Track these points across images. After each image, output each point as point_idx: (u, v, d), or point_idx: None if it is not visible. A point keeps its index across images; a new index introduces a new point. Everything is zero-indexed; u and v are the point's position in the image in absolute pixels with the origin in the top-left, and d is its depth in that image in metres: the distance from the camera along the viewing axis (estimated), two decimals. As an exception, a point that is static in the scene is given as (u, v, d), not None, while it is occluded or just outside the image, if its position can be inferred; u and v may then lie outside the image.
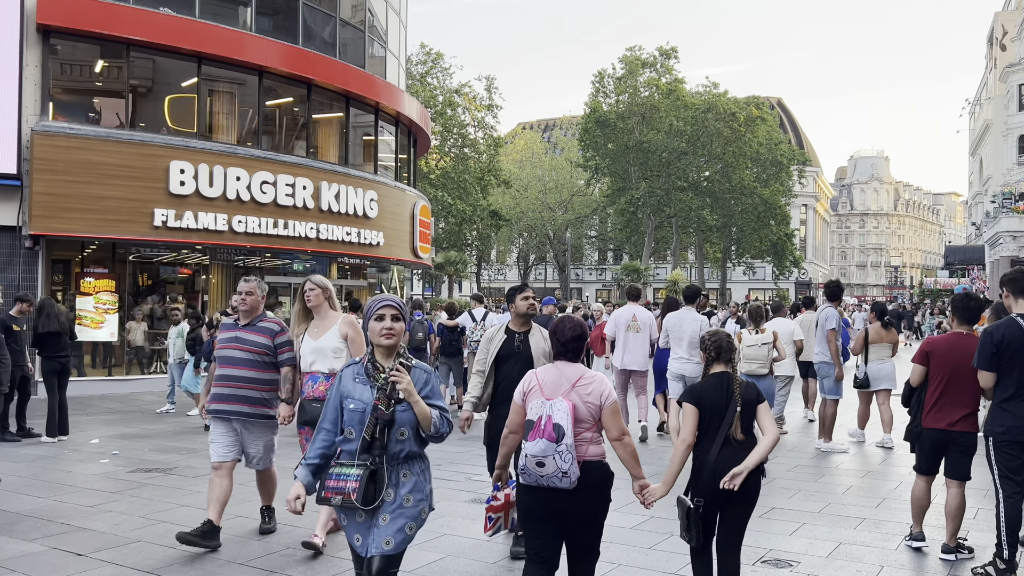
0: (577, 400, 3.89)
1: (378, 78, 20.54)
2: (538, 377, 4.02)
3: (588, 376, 4.00)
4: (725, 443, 4.24)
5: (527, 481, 3.87)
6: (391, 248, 20.35)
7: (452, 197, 44.93)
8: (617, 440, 3.98)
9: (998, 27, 57.41)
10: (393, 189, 20.78)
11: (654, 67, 52.64)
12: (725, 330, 5.04)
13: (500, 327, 6.05)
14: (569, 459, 3.75)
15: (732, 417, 4.26)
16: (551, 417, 3.80)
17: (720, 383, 4.35)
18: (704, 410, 4.28)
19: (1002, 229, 40.93)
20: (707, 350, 4.47)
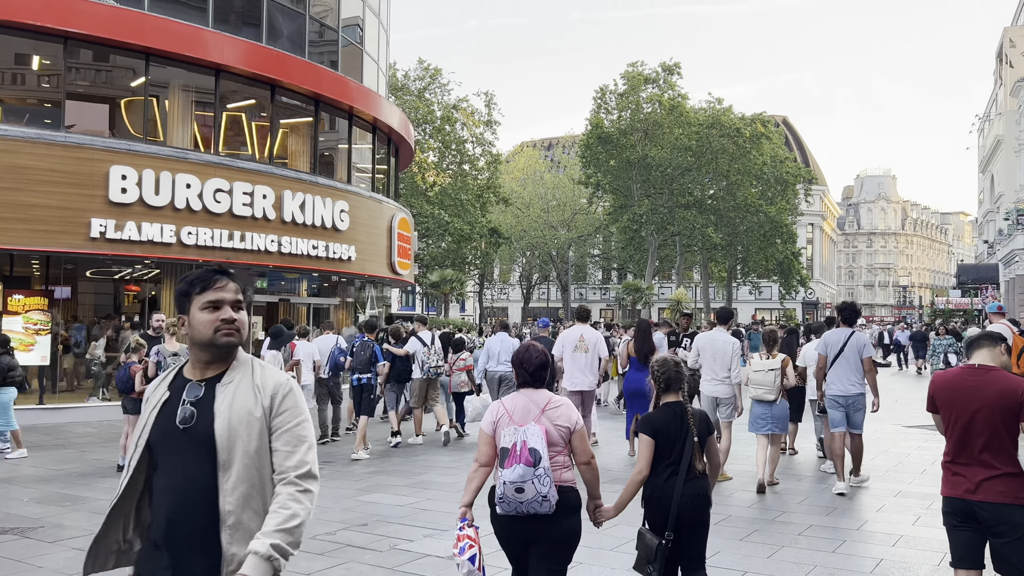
0: (548, 425, 3.89)
1: (352, 81, 18.90)
2: (505, 406, 3.97)
3: (556, 400, 3.99)
4: (689, 473, 4.18)
5: (505, 511, 3.81)
6: (365, 263, 18.61)
7: (450, 215, 43.32)
8: (586, 464, 4.01)
9: (1007, 42, 55.68)
10: (368, 200, 19.06)
11: (656, 83, 51.11)
12: (675, 357, 4.59)
13: None
14: (548, 483, 3.73)
15: (691, 448, 4.20)
16: (526, 442, 3.76)
17: (674, 413, 4.29)
18: (660, 441, 4.21)
19: (1018, 247, 38.96)
20: (657, 380, 4.37)
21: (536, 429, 3.82)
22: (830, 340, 8.88)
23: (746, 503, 8.27)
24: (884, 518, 7.72)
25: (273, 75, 16.62)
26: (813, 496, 8.59)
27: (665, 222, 49.77)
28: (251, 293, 15.76)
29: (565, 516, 3.86)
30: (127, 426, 10.24)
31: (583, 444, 4.00)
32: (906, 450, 11.79)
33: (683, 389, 4.39)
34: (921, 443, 12.42)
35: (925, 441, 12.61)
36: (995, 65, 63.64)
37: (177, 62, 15.63)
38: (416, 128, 44.86)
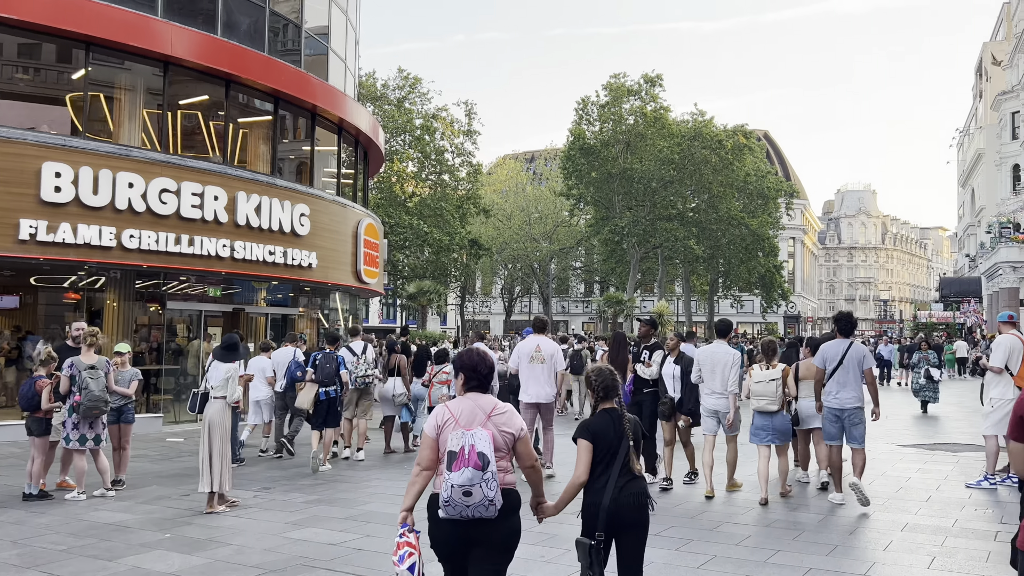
0: (494, 430, 3.91)
1: (315, 79, 17.73)
2: (451, 410, 3.98)
3: (501, 406, 4.03)
4: (623, 475, 4.25)
5: (450, 515, 3.78)
6: (328, 271, 17.39)
7: (428, 225, 42.16)
8: (530, 468, 4.10)
9: (987, 56, 55.40)
10: (331, 204, 17.85)
11: (639, 95, 50.34)
12: (610, 367, 4.60)
13: None
14: (495, 487, 3.75)
15: (626, 452, 4.30)
16: (474, 446, 3.76)
17: (611, 419, 4.36)
18: (598, 446, 4.26)
19: (1001, 259, 38.25)
20: (595, 389, 4.44)
21: (484, 433, 3.81)
22: (828, 352, 8.58)
23: (735, 539, 7.15)
24: (894, 559, 6.59)
25: (228, 69, 15.44)
26: (810, 532, 7.46)
27: (647, 234, 48.91)
28: None
29: (507, 518, 3.88)
30: (33, 449, 8.97)
31: (527, 449, 4.05)
32: (905, 473, 10.70)
33: (619, 396, 4.47)
34: (920, 464, 11.34)
35: (924, 463, 11.52)
36: (974, 80, 63.45)
37: (122, 53, 14.43)
38: (395, 138, 43.83)
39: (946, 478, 10.30)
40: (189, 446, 12.83)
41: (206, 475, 8.31)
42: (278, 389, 12.07)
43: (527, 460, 4.06)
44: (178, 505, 8.78)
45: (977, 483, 9.65)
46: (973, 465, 11.27)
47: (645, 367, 9.61)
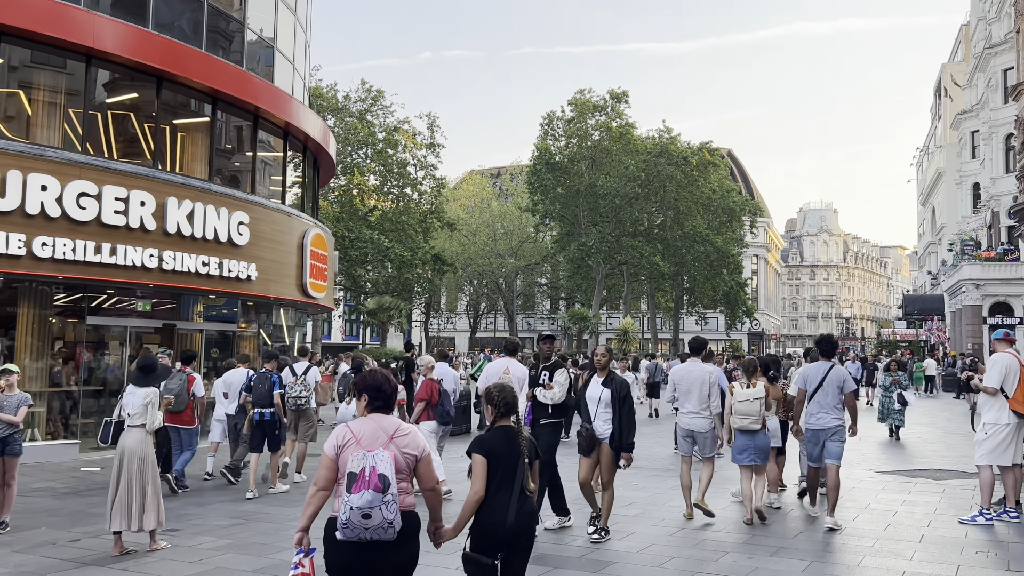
0: (396, 451, 3.87)
1: (258, 79, 16.49)
2: (353, 430, 3.89)
3: (404, 428, 3.98)
4: (522, 494, 4.22)
5: (348, 536, 3.71)
6: (269, 284, 16.08)
7: (390, 240, 40.88)
8: (431, 490, 4.03)
9: (945, 77, 55.75)
10: (273, 212, 16.55)
11: (604, 110, 49.76)
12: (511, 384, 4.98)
13: None
14: (395, 509, 3.70)
15: (523, 470, 4.25)
16: (375, 468, 3.70)
17: (507, 436, 4.31)
18: (493, 463, 4.22)
19: (964, 277, 37.98)
20: (497, 405, 4.38)
21: (385, 455, 3.77)
22: (809, 374, 8.57)
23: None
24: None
25: (159, 65, 14.15)
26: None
27: (612, 251, 48.19)
28: None
29: (406, 541, 3.84)
30: None
31: (429, 471, 4.01)
32: (890, 505, 9.68)
33: (516, 413, 4.42)
34: (904, 495, 10.34)
35: (908, 493, 10.53)
36: (933, 101, 63.92)
37: (39, 44, 13.09)
38: (357, 151, 42.57)
39: (935, 511, 9.30)
40: (104, 476, 11.42)
41: (121, 513, 7.31)
42: (229, 412, 11.52)
43: (428, 482, 4.00)
44: (61, 554, 7.44)
45: (972, 519, 8.65)
46: (961, 496, 10.30)
47: (545, 390, 8.10)
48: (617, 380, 7.56)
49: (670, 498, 10.01)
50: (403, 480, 3.88)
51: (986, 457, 8.86)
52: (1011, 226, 38.73)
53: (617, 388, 7.48)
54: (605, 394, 7.54)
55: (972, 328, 37.42)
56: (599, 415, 7.58)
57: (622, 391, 7.43)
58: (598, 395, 7.61)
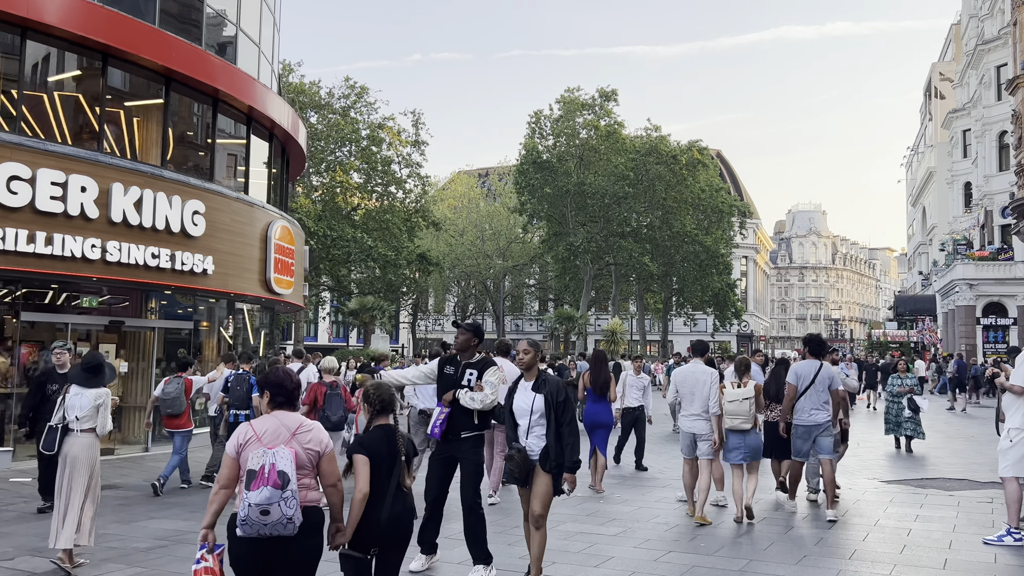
0: (298, 448, 3.89)
1: (217, 59, 15.28)
2: (255, 428, 3.92)
3: (307, 424, 4.01)
4: (397, 492, 4.27)
5: (248, 532, 3.72)
6: (228, 278, 14.86)
7: (374, 239, 39.67)
8: (332, 487, 4.06)
9: (935, 76, 55.00)
10: (233, 202, 15.33)
11: (593, 109, 48.70)
12: (388, 383, 4.79)
13: None
14: (294, 505, 3.72)
15: (400, 467, 4.32)
16: (275, 464, 3.72)
17: (385, 435, 4.39)
18: (373, 461, 4.25)
19: (957, 277, 37.05)
20: (372, 403, 4.46)
21: (286, 451, 3.78)
22: (801, 371, 8.72)
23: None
24: None
25: (105, 40, 12.93)
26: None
27: (601, 251, 47.12)
28: None
29: (308, 536, 3.85)
30: None
31: (331, 467, 4.03)
32: (902, 522, 8.57)
33: (394, 412, 4.49)
34: (916, 509, 9.23)
35: (920, 506, 9.42)
36: (923, 101, 63.21)
37: (-33, 14, 11.86)
38: (340, 148, 41.35)
39: (954, 529, 8.19)
40: (33, 489, 10.20)
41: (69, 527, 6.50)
42: (212, 413, 11.22)
43: (330, 478, 4.04)
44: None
45: (999, 539, 7.55)
46: (979, 510, 9.21)
47: (472, 392, 6.30)
48: (551, 383, 5.83)
49: (656, 512, 8.89)
50: (305, 476, 3.91)
51: (1012, 468, 7.77)
52: (1004, 225, 37.86)
53: (552, 393, 5.76)
54: (538, 402, 5.80)
55: (965, 329, 36.50)
56: (532, 430, 5.81)
57: (558, 396, 5.73)
58: (529, 404, 5.82)
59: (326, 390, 9.72)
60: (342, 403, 9.65)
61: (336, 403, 9.60)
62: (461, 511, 6.34)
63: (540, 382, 5.86)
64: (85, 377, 7.00)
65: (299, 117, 19.28)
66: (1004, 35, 36.41)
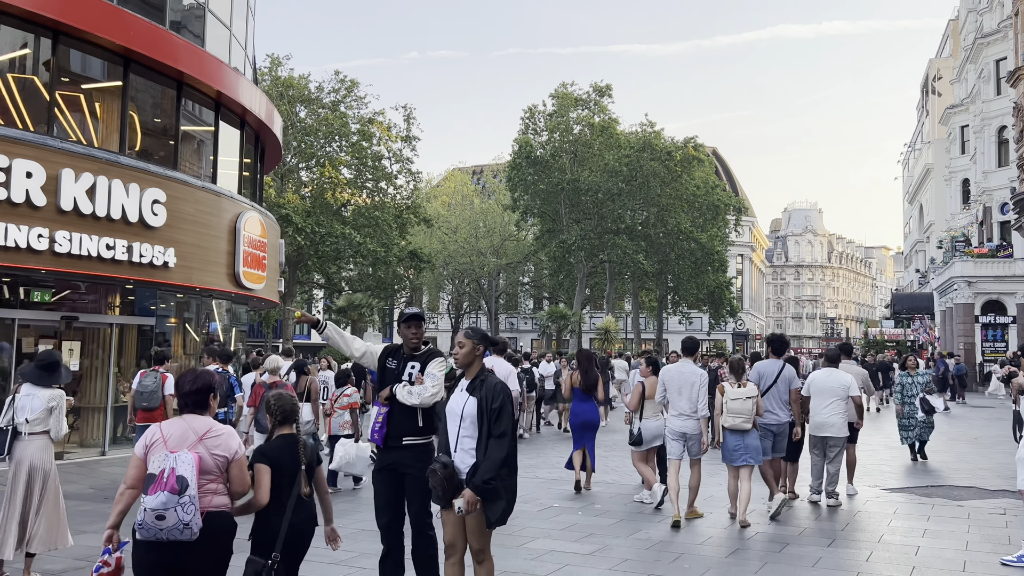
0: (204, 452, 3.85)
1: (181, 40, 14.39)
2: (163, 431, 3.91)
3: (217, 428, 3.98)
4: (299, 501, 4.26)
5: (145, 536, 3.70)
6: (192, 272, 13.98)
7: (363, 236, 38.76)
8: (241, 495, 4.03)
9: (933, 72, 54.19)
10: (198, 191, 14.43)
11: (587, 104, 47.85)
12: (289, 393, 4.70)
13: None
14: (192, 511, 3.66)
15: (300, 477, 4.29)
16: (175, 469, 3.68)
17: (288, 444, 4.36)
18: (275, 471, 4.22)
19: (956, 274, 36.22)
20: (274, 414, 4.43)
21: (188, 456, 3.74)
22: (764, 371, 8.92)
23: None
24: None
25: (56, 16, 12.05)
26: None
27: (595, 249, 46.24)
28: None
29: (213, 542, 3.79)
30: None
31: (240, 474, 3.99)
32: (909, 537, 7.72)
33: (296, 421, 4.47)
34: (923, 522, 8.38)
35: (927, 519, 8.57)
36: (920, 98, 62.42)
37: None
38: (330, 143, 40.45)
39: (967, 547, 7.34)
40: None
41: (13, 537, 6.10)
42: None
43: (237, 486, 3.98)
44: None
45: (1018, 559, 6.70)
46: (991, 522, 8.36)
47: (410, 387, 5.27)
48: (489, 384, 4.69)
49: (638, 525, 8.01)
50: (212, 481, 3.86)
51: (1033, 479, 6.94)
52: (1004, 221, 37.07)
53: (487, 397, 4.65)
54: (469, 406, 4.69)
55: (964, 327, 35.69)
56: (461, 442, 4.71)
57: (493, 402, 4.61)
58: (460, 407, 4.74)
59: (264, 391, 9.31)
60: None
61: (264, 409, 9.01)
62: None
63: (477, 383, 4.75)
64: (39, 375, 6.40)
65: (275, 107, 18.39)
66: (1004, 28, 35.59)
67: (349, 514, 8.39)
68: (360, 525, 7.84)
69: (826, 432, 9.00)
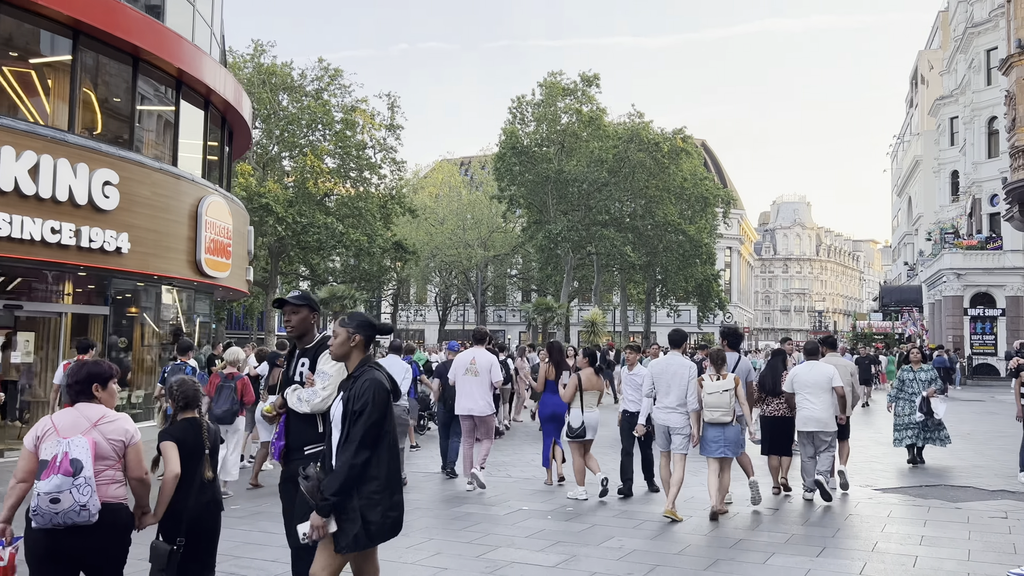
0: (99, 437, 3.77)
1: (136, 11, 13.50)
2: (54, 420, 3.80)
3: (111, 415, 3.90)
4: (202, 483, 4.24)
5: (41, 524, 3.60)
6: (148, 258, 13.16)
7: (346, 226, 37.93)
8: (138, 480, 3.92)
9: (923, 64, 53.66)
10: (155, 173, 13.58)
11: (575, 94, 47.07)
12: (192, 378, 4.57)
13: None
14: (88, 492, 3.57)
15: (204, 460, 4.30)
16: (67, 453, 3.61)
17: (192, 427, 4.35)
18: (182, 453, 4.20)
19: (945, 266, 35.70)
20: (176, 399, 4.43)
21: (82, 440, 3.68)
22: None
23: None
24: None
25: (-5, -15, 11.21)
26: None
27: (582, 241, 45.52)
28: None
29: (109, 532, 3.72)
30: None
31: (137, 458, 3.90)
32: (906, 544, 7.03)
33: (199, 406, 4.47)
34: (919, 527, 7.70)
35: (923, 523, 7.89)
36: (909, 90, 61.93)
37: None
38: (313, 132, 39.55)
39: (969, 556, 6.66)
40: None
41: None
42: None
43: (135, 471, 3.90)
44: None
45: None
46: (993, 528, 7.68)
47: (300, 390, 4.64)
48: (359, 382, 3.94)
49: (610, 532, 7.29)
50: (109, 468, 3.79)
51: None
52: (993, 213, 36.55)
53: (352, 397, 3.92)
54: (337, 408, 4.01)
55: (952, 320, 35.19)
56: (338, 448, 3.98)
57: (355, 403, 3.88)
58: (336, 410, 4.03)
59: (220, 381, 9.02)
60: (232, 396, 8.95)
61: (225, 396, 8.94)
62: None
63: (350, 381, 4.02)
64: None
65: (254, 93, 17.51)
66: (995, 17, 34.99)
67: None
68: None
69: (812, 427, 8.78)
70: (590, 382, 8.93)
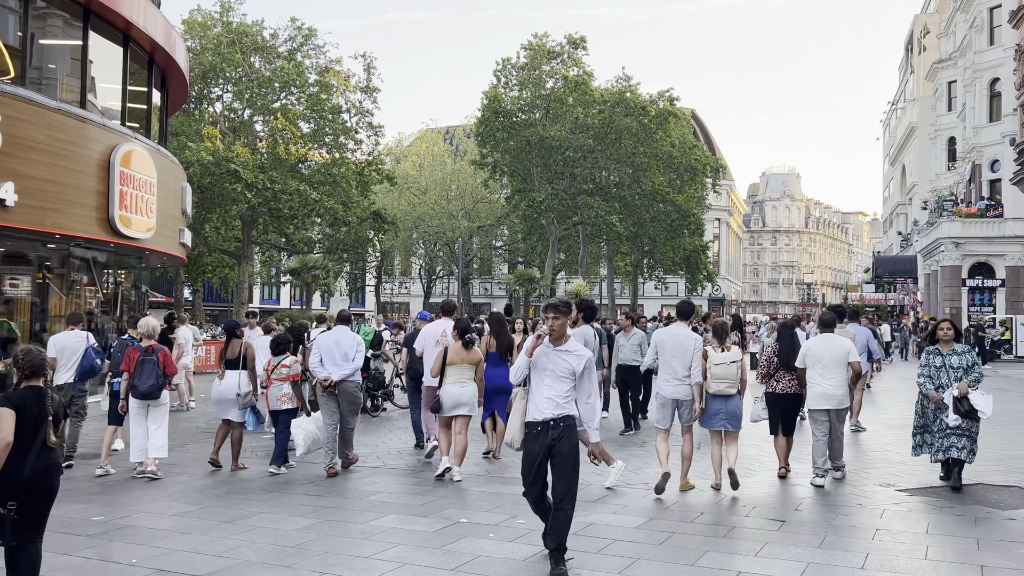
0: None
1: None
2: None
3: None
4: (42, 449, 4.33)
5: None
6: (44, 213, 11.14)
7: (320, 193, 35.67)
8: None
9: (918, 28, 51.52)
10: (52, 113, 11.49)
11: (561, 57, 44.81)
12: (39, 348, 4.74)
13: None
14: None
15: (47, 427, 4.38)
16: None
17: (36, 395, 4.43)
18: (20, 419, 4.27)
19: (942, 235, 33.92)
20: (21, 368, 4.49)
21: None
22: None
23: None
24: None
25: None
26: None
27: (567, 210, 43.51)
28: None
29: None
30: None
31: None
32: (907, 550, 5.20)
33: (46, 376, 4.56)
34: (921, 533, 5.87)
35: (924, 527, 6.06)
36: (903, 56, 59.81)
37: None
38: (285, 94, 37.25)
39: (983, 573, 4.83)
40: None
41: None
42: (63, 380, 8.93)
43: None
44: None
45: None
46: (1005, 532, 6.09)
47: None
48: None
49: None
50: None
51: None
52: (994, 180, 34.73)
53: None
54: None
55: (950, 291, 33.48)
56: None
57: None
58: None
59: (140, 355, 8.25)
60: (155, 370, 8.23)
61: (147, 371, 8.21)
62: None
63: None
64: None
65: (175, 31, 15.37)
66: (1000, -28, 32.88)
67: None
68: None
69: (827, 404, 8.02)
70: (458, 355, 8.39)
